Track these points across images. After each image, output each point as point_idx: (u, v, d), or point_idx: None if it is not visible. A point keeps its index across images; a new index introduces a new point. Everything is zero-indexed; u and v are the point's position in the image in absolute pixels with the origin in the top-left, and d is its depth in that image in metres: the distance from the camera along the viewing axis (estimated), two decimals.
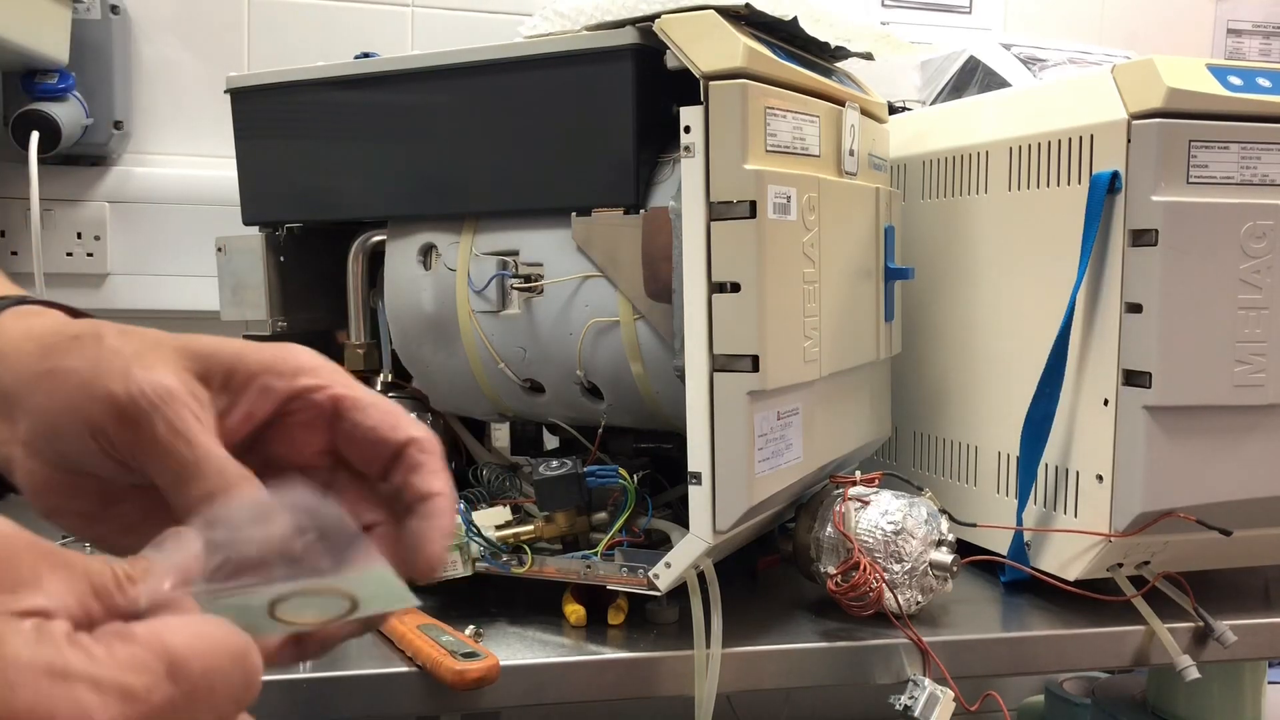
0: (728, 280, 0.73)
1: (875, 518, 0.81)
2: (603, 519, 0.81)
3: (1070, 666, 1.04)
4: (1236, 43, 1.63)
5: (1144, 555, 0.85)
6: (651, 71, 0.75)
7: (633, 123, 0.77)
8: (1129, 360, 0.81)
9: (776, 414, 0.77)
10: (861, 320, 0.91)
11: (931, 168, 1.05)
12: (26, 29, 1.08)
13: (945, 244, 1.03)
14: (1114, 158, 0.81)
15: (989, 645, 0.82)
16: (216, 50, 1.31)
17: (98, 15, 1.24)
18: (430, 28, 1.37)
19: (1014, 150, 0.93)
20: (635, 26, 0.76)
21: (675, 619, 0.81)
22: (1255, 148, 0.81)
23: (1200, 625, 0.84)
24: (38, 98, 1.17)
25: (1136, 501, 0.81)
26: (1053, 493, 0.89)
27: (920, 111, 1.19)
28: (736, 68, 0.72)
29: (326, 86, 0.89)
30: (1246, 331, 0.80)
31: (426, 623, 0.76)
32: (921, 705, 0.75)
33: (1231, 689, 1.10)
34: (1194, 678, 0.83)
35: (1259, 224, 0.80)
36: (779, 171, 0.75)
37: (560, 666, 0.75)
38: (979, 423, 0.99)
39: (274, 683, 0.71)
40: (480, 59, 0.82)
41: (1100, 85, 0.83)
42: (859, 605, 0.79)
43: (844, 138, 0.86)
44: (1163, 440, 0.81)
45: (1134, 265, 0.81)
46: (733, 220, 0.73)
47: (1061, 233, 0.86)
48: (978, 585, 0.93)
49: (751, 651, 0.77)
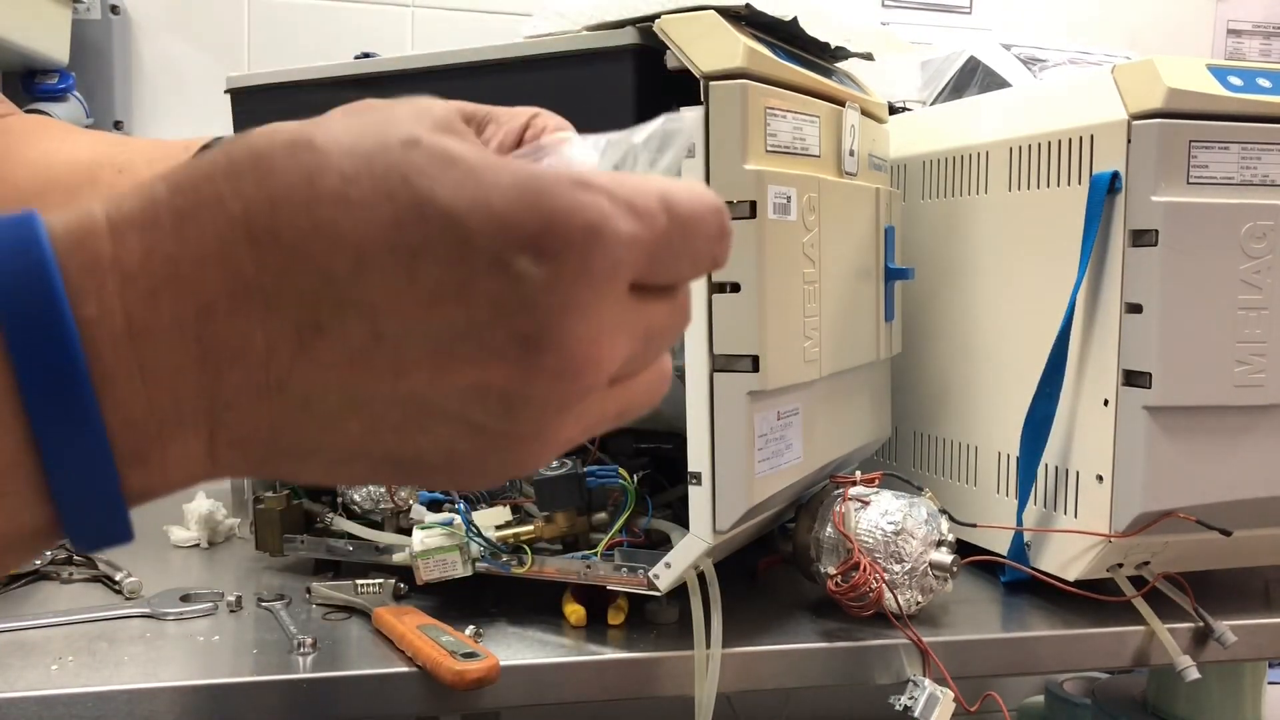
0: (728, 280, 0.73)
1: (875, 518, 0.81)
2: (603, 519, 0.81)
3: (1070, 667, 1.04)
4: (1237, 43, 1.63)
5: (1144, 555, 0.85)
6: (652, 72, 0.75)
7: (633, 123, 0.77)
8: (1129, 360, 0.81)
9: (776, 414, 0.77)
10: (861, 320, 0.91)
11: (931, 168, 1.05)
12: (27, 29, 1.08)
13: (945, 244, 1.03)
14: (1114, 158, 0.81)
15: (989, 645, 0.82)
16: (216, 50, 1.31)
17: (98, 15, 1.24)
18: (430, 28, 1.37)
19: (1014, 150, 0.93)
20: (635, 27, 0.76)
21: (675, 619, 0.81)
22: (1255, 148, 0.81)
23: (1200, 625, 0.84)
24: (38, 98, 1.17)
25: (1136, 502, 0.81)
26: (1053, 493, 0.89)
27: (920, 112, 1.19)
28: (736, 68, 0.72)
29: (327, 87, 0.89)
30: (1246, 332, 0.80)
31: (426, 623, 0.76)
32: (921, 705, 0.75)
33: (1232, 689, 1.10)
34: (1194, 678, 0.82)
35: (1259, 224, 0.80)
36: (779, 172, 0.75)
37: (560, 667, 0.75)
38: (979, 423, 0.99)
39: (273, 683, 0.71)
40: (480, 59, 0.82)
41: (1100, 85, 0.83)
42: (859, 605, 0.79)
43: (844, 138, 0.86)
44: (1163, 440, 0.80)
45: (1134, 265, 0.81)
46: (733, 220, 0.72)
47: (1061, 233, 0.86)
48: (978, 585, 0.93)
49: (751, 652, 0.77)
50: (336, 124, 0.28)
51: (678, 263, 0.30)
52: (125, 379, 0.25)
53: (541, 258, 0.27)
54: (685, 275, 0.31)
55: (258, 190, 0.26)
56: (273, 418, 0.27)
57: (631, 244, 0.28)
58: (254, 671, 0.72)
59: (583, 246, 0.27)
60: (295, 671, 0.71)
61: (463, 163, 0.27)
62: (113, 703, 0.68)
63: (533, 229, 0.26)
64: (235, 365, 0.26)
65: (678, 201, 0.29)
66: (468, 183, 0.27)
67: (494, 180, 0.27)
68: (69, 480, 0.25)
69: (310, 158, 0.27)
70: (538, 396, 0.28)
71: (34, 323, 0.24)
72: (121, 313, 0.25)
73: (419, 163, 0.27)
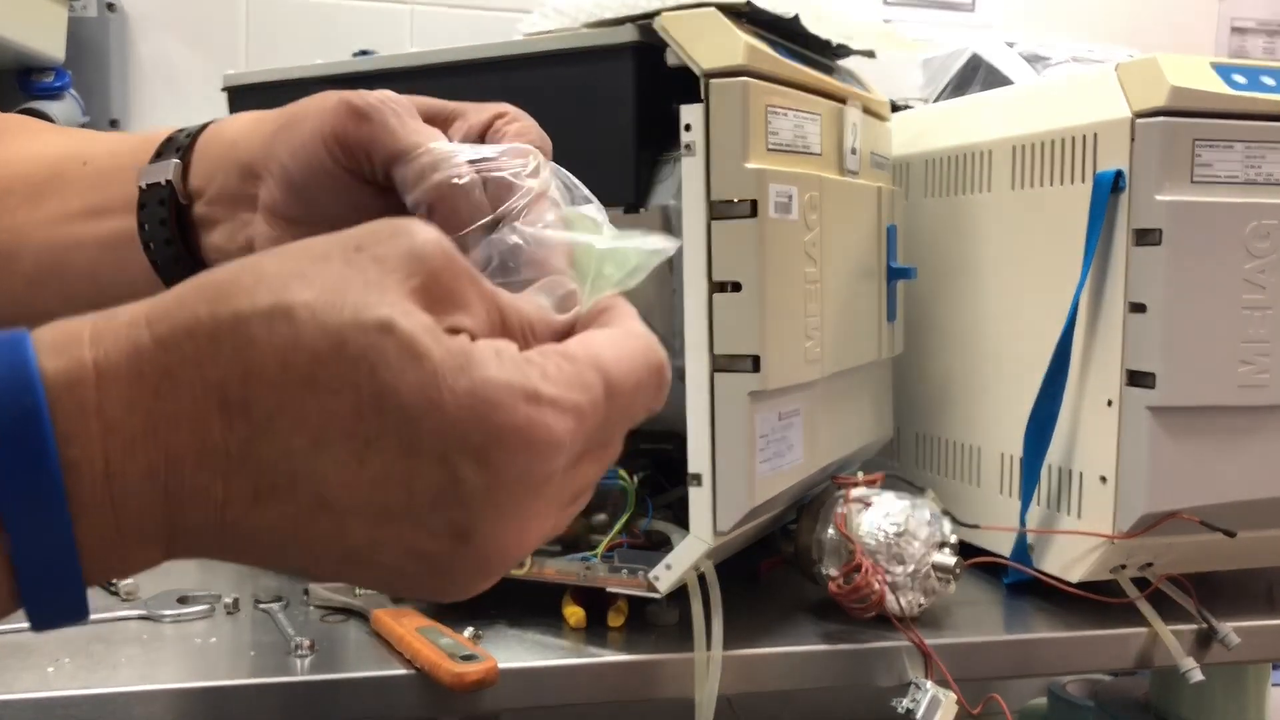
0: (728, 280, 0.73)
1: (877, 519, 0.80)
2: (602, 520, 0.80)
3: (1073, 669, 1.04)
4: (1240, 41, 1.63)
5: (1148, 557, 0.85)
6: (652, 69, 0.74)
7: (633, 121, 0.77)
8: (1132, 360, 0.81)
9: (778, 414, 0.76)
10: (863, 320, 0.90)
11: (934, 166, 1.05)
12: (22, 27, 1.08)
13: (948, 243, 1.02)
14: (1118, 156, 0.81)
15: (991, 648, 0.82)
16: (213, 48, 1.31)
17: (94, 13, 1.24)
18: (429, 25, 1.37)
19: (1017, 149, 0.92)
20: (635, 24, 0.76)
21: (675, 621, 0.81)
22: (1260, 147, 0.80)
23: (1204, 627, 0.84)
24: (34, 96, 1.16)
25: (1140, 502, 0.80)
26: (1056, 494, 0.88)
27: (923, 110, 1.18)
28: (737, 65, 0.72)
29: (325, 85, 0.87)
30: (1251, 332, 0.80)
31: (425, 625, 0.76)
32: (924, 708, 0.74)
33: (1235, 691, 1.10)
34: (1197, 680, 0.82)
35: (1263, 223, 0.79)
36: (780, 170, 0.74)
37: (560, 669, 0.74)
38: (982, 423, 0.98)
39: (271, 685, 0.70)
40: (479, 57, 0.82)
41: (1104, 84, 0.82)
42: (861, 607, 0.78)
43: (846, 136, 0.86)
44: (1166, 441, 0.80)
45: (1138, 265, 0.80)
46: (733, 219, 0.72)
47: (1065, 232, 0.85)
48: (980, 587, 0.93)
49: (752, 654, 0.77)
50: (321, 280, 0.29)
51: (616, 429, 0.33)
52: (97, 509, 0.28)
53: (483, 467, 0.29)
54: (621, 434, 0.34)
55: (233, 360, 0.28)
56: (224, 545, 0.31)
57: (573, 444, 0.30)
58: (251, 674, 0.71)
59: (525, 461, 0.29)
60: (293, 674, 0.71)
61: (428, 362, 0.29)
62: (110, 705, 0.68)
63: (477, 441, 0.29)
64: (194, 508, 0.29)
65: (620, 380, 0.32)
66: (428, 384, 0.28)
67: (451, 384, 0.29)
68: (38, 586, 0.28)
69: (287, 332, 0.28)
70: (464, 570, 0.31)
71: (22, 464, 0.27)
72: (101, 458, 0.28)
73: (388, 354, 0.29)
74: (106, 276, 0.47)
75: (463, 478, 0.29)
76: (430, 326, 0.29)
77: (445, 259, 0.31)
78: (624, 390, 0.32)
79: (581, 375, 0.31)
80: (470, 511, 0.29)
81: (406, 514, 0.29)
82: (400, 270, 0.30)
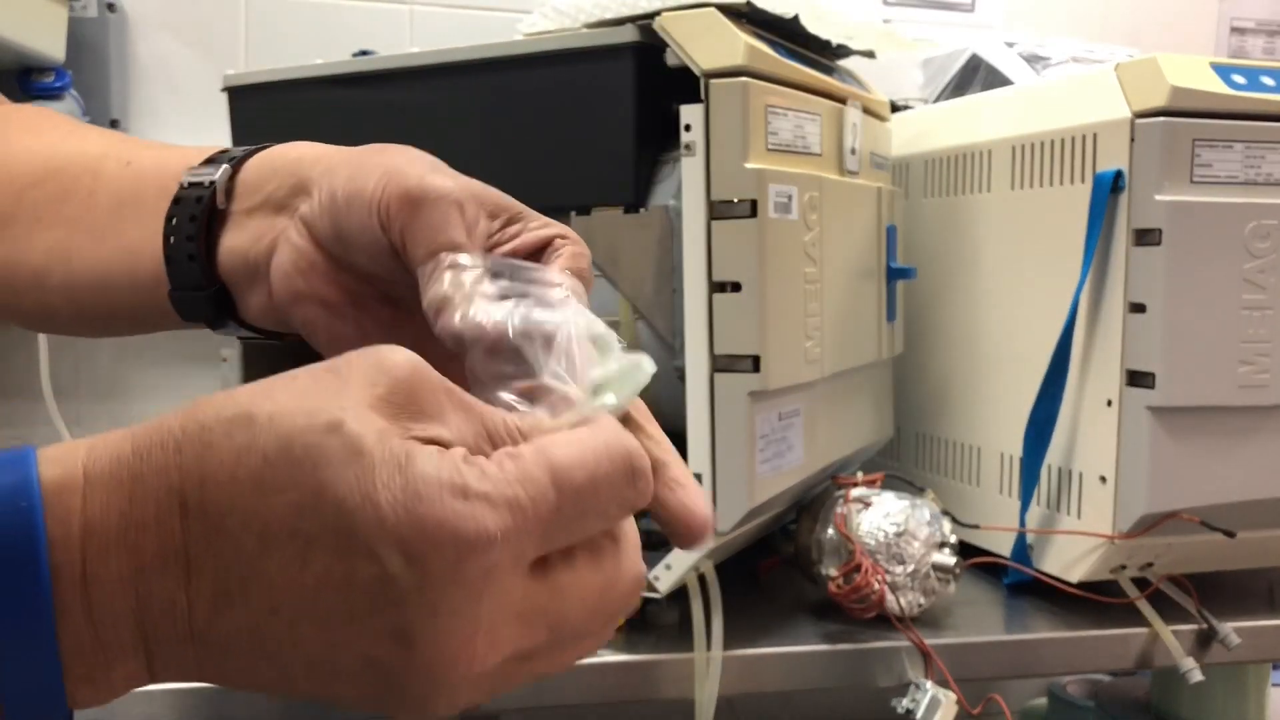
0: (728, 280, 0.73)
1: (877, 519, 0.80)
2: None
3: (1073, 669, 1.04)
4: (1240, 41, 1.63)
5: (1148, 557, 0.85)
6: (651, 69, 0.74)
7: (633, 121, 0.77)
8: (1132, 361, 0.81)
9: (778, 415, 0.76)
10: (863, 320, 0.90)
11: (934, 166, 1.05)
12: (22, 27, 1.08)
13: (948, 243, 1.02)
14: (1117, 156, 0.81)
15: (992, 648, 0.82)
16: (213, 48, 1.30)
17: (94, 13, 1.23)
18: (429, 25, 1.36)
19: (1017, 149, 0.92)
20: (635, 24, 0.76)
21: (675, 621, 0.81)
22: (1259, 147, 0.80)
23: (1204, 627, 0.84)
24: (34, 96, 1.16)
25: (1140, 503, 0.80)
26: (1056, 494, 0.88)
27: (923, 110, 1.18)
28: (737, 65, 0.72)
29: (324, 85, 0.88)
30: (1251, 332, 0.80)
31: None
32: (924, 708, 0.74)
33: (1235, 691, 1.10)
34: (1198, 680, 0.82)
35: (1263, 223, 0.79)
36: (780, 170, 0.74)
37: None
38: (982, 423, 0.98)
39: None
40: (479, 57, 0.82)
41: (1103, 84, 0.82)
42: (861, 607, 0.78)
43: (846, 136, 0.86)
44: (1166, 441, 0.80)
45: (1137, 265, 0.80)
46: (733, 219, 0.72)
47: (1065, 232, 0.85)
48: (980, 587, 0.93)
49: (752, 654, 0.77)
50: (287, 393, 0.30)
51: (582, 523, 0.32)
52: (76, 615, 0.29)
53: (410, 562, 0.29)
54: (595, 530, 0.33)
55: (195, 465, 0.30)
56: (198, 659, 0.31)
57: (510, 540, 0.30)
58: None
59: (454, 555, 0.29)
60: None
61: (367, 458, 0.29)
62: (109, 705, 0.68)
63: (404, 534, 0.28)
64: (163, 618, 0.30)
65: (568, 472, 0.31)
66: (364, 479, 0.29)
67: (386, 481, 0.29)
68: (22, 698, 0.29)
69: (244, 436, 0.29)
70: (415, 681, 0.31)
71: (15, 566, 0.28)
72: (80, 563, 0.29)
73: (331, 452, 0.29)
74: (116, 281, 0.48)
75: (394, 574, 0.29)
76: (383, 430, 0.29)
77: (412, 370, 0.31)
78: (574, 482, 0.31)
79: (524, 470, 0.30)
80: (406, 610, 0.29)
81: (350, 617, 0.29)
82: (363, 379, 0.31)
